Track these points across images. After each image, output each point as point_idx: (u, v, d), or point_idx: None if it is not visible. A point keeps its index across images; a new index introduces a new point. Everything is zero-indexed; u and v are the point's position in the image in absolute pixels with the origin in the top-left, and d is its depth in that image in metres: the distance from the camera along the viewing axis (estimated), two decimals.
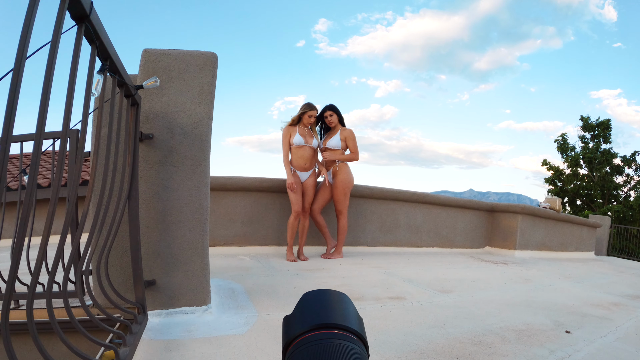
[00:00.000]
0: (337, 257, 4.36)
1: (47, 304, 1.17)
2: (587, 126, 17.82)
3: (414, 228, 5.57)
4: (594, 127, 17.66)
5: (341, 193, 4.29)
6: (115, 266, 1.96)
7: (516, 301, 2.86)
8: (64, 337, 1.18)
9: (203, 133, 2.03)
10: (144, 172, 1.96)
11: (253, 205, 4.53)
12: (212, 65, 2.05)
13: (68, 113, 0.96)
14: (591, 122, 17.74)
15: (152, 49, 1.96)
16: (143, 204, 1.94)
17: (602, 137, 17.54)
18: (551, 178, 18.45)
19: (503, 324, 2.27)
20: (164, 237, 1.99)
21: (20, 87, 0.67)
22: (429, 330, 2.09)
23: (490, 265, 4.70)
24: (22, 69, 0.66)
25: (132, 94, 1.57)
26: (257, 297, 2.52)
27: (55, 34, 0.80)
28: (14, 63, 0.66)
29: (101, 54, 1.15)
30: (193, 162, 2.01)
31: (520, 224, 5.89)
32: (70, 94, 0.95)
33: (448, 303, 2.69)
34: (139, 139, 1.88)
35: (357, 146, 4.29)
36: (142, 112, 1.93)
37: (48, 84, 0.80)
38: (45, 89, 0.80)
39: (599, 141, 17.64)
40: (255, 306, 2.31)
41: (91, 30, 1.00)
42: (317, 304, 0.42)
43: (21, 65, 0.65)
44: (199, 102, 2.01)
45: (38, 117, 0.83)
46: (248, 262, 3.82)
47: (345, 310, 0.41)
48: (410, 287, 3.10)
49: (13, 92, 0.65)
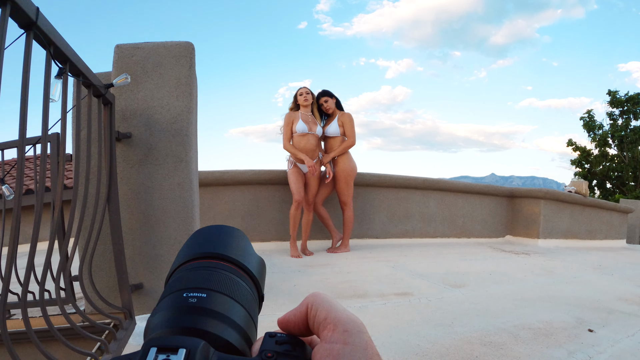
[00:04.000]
0: (344, 251, 4.40)
1: (22, 313, 1.25)
2: (616, 101, 17.38)
3: (427, 217, 5.54)
4: (622, 103, 17.21)
5: (344, 183, 4.31)
6: (105, 270, 2.03)
7: (535, 296, 2.80)
8: (41, 346, 1.25)
9: (183, 128, 2.07)
10: (124, 173, 2.02)
11: (252, 199, 4.59)
12: (188, 55, 2.09)
13: (23, 123, 1.02)
14: (620, 96, 17.28)
15: (124, 44, 2.00)
16: (125, 205, 2.00)
17: (632, 112, 17.09)
18: (578, 159, 18.09)
19: (518, 321, 2.21)
20: (148, 238, 2.05)
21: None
22: (434, 330, 2.06)
23: (510, 256, 4.64)
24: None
25: (101, 93, 1.62)
26: None
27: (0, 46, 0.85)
28: None
29: (58, 57, 1.19)
30: (174, 158, 2.06)
31: (544, 210, 5.77)
32: (24, 102, 1.00)
33: (459, 298, 2.65)
34: (117, 139, 1.94)
35: (354, 130, 4.29)
36: (118, 110, 1.98)
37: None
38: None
39: (629, 117, 17.21)
40: None
41: (41, 36, 1.04)
42: (203, 237, 0.40)
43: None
44: (177, 96, 2.05)
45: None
46: None
47: (239, 246, 0.40)
48: (419, 282, 3.09)
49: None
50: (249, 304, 0.34)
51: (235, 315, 0.32)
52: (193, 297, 0.31)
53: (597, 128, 17.81)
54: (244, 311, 0.33)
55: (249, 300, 0.35)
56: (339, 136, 4.27)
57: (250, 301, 0.35)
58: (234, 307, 0.32)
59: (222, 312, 0.31)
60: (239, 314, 0.32)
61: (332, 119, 4.31)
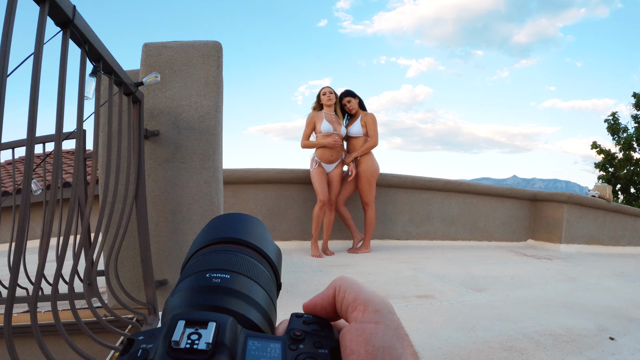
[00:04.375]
0: (365, 251, 4.39)
1: (52, 306, 1.27)
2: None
3: (449, 219, 5.49)
4: None
5: (366, 183, 4.30)
6: (128, 266, 2.07)
7: (557, 302, 2.77)
8: (69, 339, 1.28)
9: (211, 126, 2.09)
10: (151, 170, 2.05)
11: (274, 198, 4.61)
12: (216, 54, 2.11)
13: (60, 119, 1.04)
14: None
15: (152, 42, 2.03)
16: (151, 202, 2.03)
17: None
18: (602, 163, 17.60)
19: (540, 327, 2.20)
20: (174, 235, 2.08)
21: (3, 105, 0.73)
22: (456, 333, 2.05)
23: (531, 260, 4.57)
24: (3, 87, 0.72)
25: (132, 91, 1.64)
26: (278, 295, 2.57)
27: (38, 45, 0.86)
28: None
29: (92, 55, 1.22)
30: (202, 157, 2.08)
31: (567, 215, 5.66)
32: (60, 100, 1.02)
33: (480, 302, 2.64)
34: (145, 136, 1.97)
35: (377, 131, 4.28)
36: (146, 108, 2.01)
37: (35, 95, 0.87)
38: (33, 100, 0.87)
39: None
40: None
41: (77, 34, 1.06)
42: (222, 223, 0.40)
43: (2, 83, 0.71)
44: (205, 95, 2.08)
45: (28, 127, 0.90)
46: None
47: (258, 233, 0.40)
48: (440, 285, 3.07)
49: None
50: (270, 288, 0.35)
51: (258, 297, 0.32)
52: (217, 278, 0.32)
53: (622, 131, 17.32)
54: (265, 294, 0.33)
55: (270, 285, 0.35)
56: (362, 136, 4.27)
57: (271, 285, 0.35)
58: (257, 289, 0.33)
59: (245, 293, 0.31)
60: (261, 296, 0.33)
61: (355, 119, 4.31)
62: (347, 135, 4.32)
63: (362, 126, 4.24)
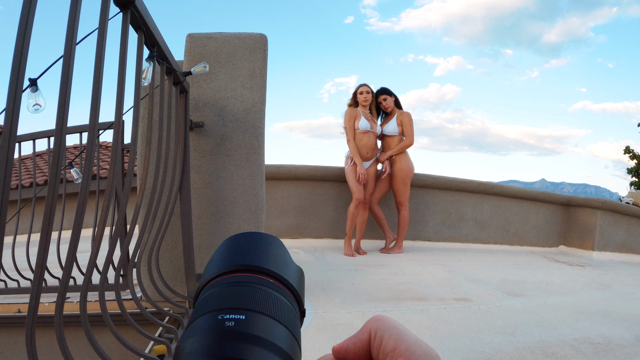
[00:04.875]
0: (397, 252, 4.31)
1: (99, 297, 1.25)
2: None
3: (481, 222, 5.37)
4: None
5: (401, 183, 4.23)
6: (164, 259, 2.05)
7: (593, 310, 2.73)
8: (116, 331, 1.25)
9: (256, 119, 2.06)
10: (195, 162, 2.02)
11: (307, 195, 4.58)
12: (262, 47, 2.07)
13: (120, 103, 1.01)
14: None
15: (196, 33, 2.01)
16: (195, 194, 2.01)
17: None
18: (635, 168, 17.01)
19: (578, 334, 2.18)
20: (217, 228, 2.05)
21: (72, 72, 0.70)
22: (497, 337, 2.05)
23: (564, 267, 4.47)
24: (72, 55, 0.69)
25: (180, 80, 1.61)
26: (313, 293, 2.55)
27: (103, 20, 0.83)
28: (63, 49, 0.70)
29: (149, 40, 1.19)
30: (247, 150, 2.05)
31: (600, 221, 5.46)
32: (121, 82, 0.99)
33: (518, 308, 2.62)
34: (189, 128, 1.95)
35: (413, 130, 4.20)
36: (191, 99, 1.99)
37: (99, 70, 0.84)
38: (97, 75, 0.84)
39: None
40: (311, 302, 2.34)
41: (137, 17, 1.03)
42: (238, 246, 0.37)
43: (72, 50, 0.68)
44: (251, 87, 2.04)
45: (91, 105, 0.87)
46: (302, 255, 3.88)
47: (276, 255, 0.36)
48: (476, 288, 3.04)
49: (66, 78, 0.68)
50: (292, 323, 0.31)
51: (278, 338, 0.28)
52: (230, 320, 0.28)
53: None
54: (287, 333, 0.29)
55: (292, 319, 0.31)
56: (397, 135, 4.20)
57: (293, 319, 0.31)
58: (276, 328, 0.29)
59: (263, 337, 0.28)
60: (281, 336, 0.29)
61: (390, 117, 4.24)
62: (382, 134, 4.25)
63: (398, 125, 4.17)
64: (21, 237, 2.51)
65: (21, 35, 0.70)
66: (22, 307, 2.27)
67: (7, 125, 0.72)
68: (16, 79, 0.70)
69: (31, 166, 7.95)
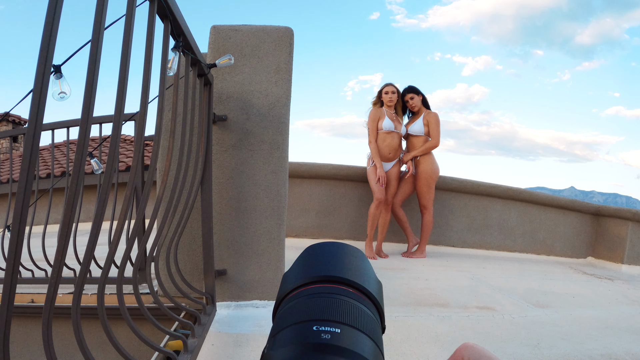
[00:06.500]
0: (420, 256, 4.25)
1: (117, 290, 1.25)
2: None
3: (507, 229, 5.25)
4: None
5: (425, 185, 4.16)
6: (183, 254, 2.05)
7: (621, 325, 2.66)
8: (133, 324, 1.25)
9: (281, 115, 2.04)
10: (217, 156, 2.02)
11: (328, 194, 4.55)
12: (288, 41, 2.06)
13: (146, 92, 1.00)
14: None
15: (221, 25, 2.00)
16: (216, 189, 2.00)
17: None
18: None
19: (605, 350, 2.13)
20: (237, 224, 2.04)
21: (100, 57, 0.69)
22: (520, 349, 2.03)
23: (592, 279, 4.36)
24: (100, 40, 0.68)
25: (205, 72, 1.61)
26: None
27: (130, 7, 0.82)
28: (91, 35, 0.69)
29: (175, 30, 1.18)
30: (270, 145, 2.03)
31: (631, 233, 5.25)
32: (147, 71, 0.99)
33: (543, 319, 2.58)
34: (212, 121, 1.94)
35: (439, 131, 4.13)
36: (214, 92, 1.98)
37: (126, 56, 0.83)
38: (124, 63, 0.84)
39: None
40: None
41: (164, 5, 1.02)
42: (322, 256, 0.37)
43: (100, 36, 0.68)
44: (276, 82, 2.03)
45: (117, 93, 0.87)
46: None
47: (359, 267, 0.37)
48: (500, 297, 2.99)
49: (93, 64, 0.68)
50: (378, 337, 0.32)
51: (369, 353, 0.29)
52: (326, 333, 0.29)
53: None
54: (375, 347, 0.30)
55: (377, 333, 0.32)
56: (423, 135, 4.13)
57: (378, 333, 0.32)
58: (367, 343, 0.30)
59: (357, 352, 0.28)
60: (371, 352, 0.29)
61: (417, 116, 4.17)
62: (407, 134, 4.19)
63: (424, 125, 4.10)
64: (37, 227, 2.55)
65: (49, 23, 0.70)
66: (35, 297, 2.30)
67: (34, 112, 0.71)
68: (43, 66, 0.70)
69: (47, 157, 8.14)
